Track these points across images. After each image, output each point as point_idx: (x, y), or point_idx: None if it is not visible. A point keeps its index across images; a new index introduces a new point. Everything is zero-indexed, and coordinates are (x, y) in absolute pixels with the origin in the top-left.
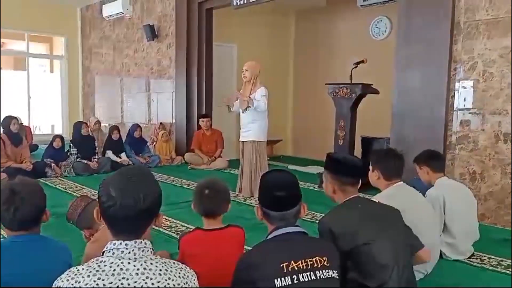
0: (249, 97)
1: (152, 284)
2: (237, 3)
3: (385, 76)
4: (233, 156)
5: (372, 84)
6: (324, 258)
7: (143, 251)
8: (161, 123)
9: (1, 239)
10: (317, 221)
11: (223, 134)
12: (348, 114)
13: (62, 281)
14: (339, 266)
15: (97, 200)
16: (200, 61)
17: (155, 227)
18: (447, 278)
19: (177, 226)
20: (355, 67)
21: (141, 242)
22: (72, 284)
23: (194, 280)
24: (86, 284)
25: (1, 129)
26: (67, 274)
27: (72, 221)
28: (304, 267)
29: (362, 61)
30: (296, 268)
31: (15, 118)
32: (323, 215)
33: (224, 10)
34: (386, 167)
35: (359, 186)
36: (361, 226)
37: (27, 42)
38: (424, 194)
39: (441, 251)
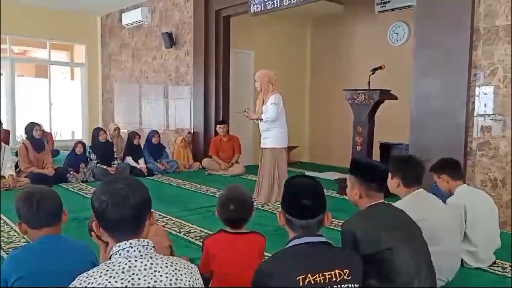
0: (259, 114)
1: (161, 276)
2: (254, 10)
3: (403, 82)
4: (250, 162)
5: (390, 90)
6: (345, 271)
7: (146, 248)
8: (189, 132)
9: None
10: (335, 228)
11: (240, 140)
12: (366, 120)
13: (75, 286)
14: (361, 280)
15: (93, 213)
16: (218, 68)
17: (174, 232)
18: (467, 285)
19: (195, 231)
20: (373, 73)
21: (143, 240)
22: (86, 286)
23: (197, 271)
24: (99, 284)
25: (24, 135)
26: (79, 279)
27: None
28: (322, 281)
29: (380, 67)
30: (312, 282)
31: (38, 124)
32: (341, 221)
33: (241, 17)
34: (406, 174)
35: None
36: (384, 232)
37: (49, 50)
38: (444, 202)
39: (462, 259)
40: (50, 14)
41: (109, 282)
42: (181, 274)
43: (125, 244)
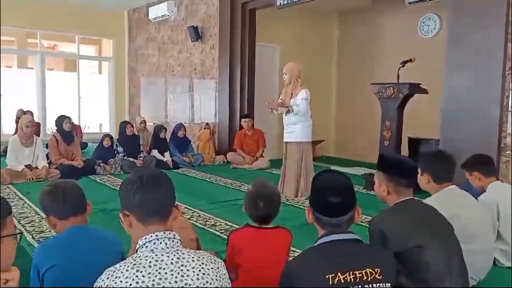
0: (289, 105)
1: (188, 270)
2: (280, 3)
3: (434, 75)
4: (274, 156)
5: (420, 84)
6: (376, 269)
7: (173, 241)
8: (207, 123)
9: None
10: (363, 224)
11: (265, 134)
12: (394, 115)
13: (103, 280)
14: (394, 278)
15: (121, 202)
16: (243, 62)
17: (199, 225)
18: (500, 285)
19: (221, 225)
20: (402, 66)
21: (169, 233)
22: (113, 280)
23: (223, 265)
24: (126, 278)
25: (55, 128)
26: (106, 273)
27: None
28: (352, 279)
29: (410, 60)
30: (342, 281)
31: (68, 117)
32: (370, 217)
33: (267, 10)
34: (437, 170)
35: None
36: (414, 229)
37: (78, 45)
38: (477, 199)
39: (494, 257)
40: (79, 9)
41: (136, 276)
42: (207, 269)
43: (151, 236)
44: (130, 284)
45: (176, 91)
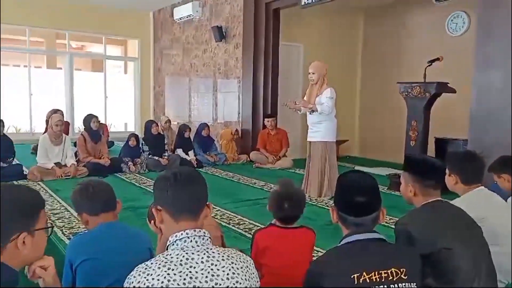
0: (314, 104)
1: (218, 269)
2: (305, 2)
3: (462, 74)
4: (297, 156)
5: (448, 83)
6: (402, 269)
7: (203, 239)
8: (236, 130)
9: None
10: (386, 224)
11: (288, 134)
12: (421, 114)
13: (134, 277)
14: (420, 278)
15: (155, 196)
16: (267, 61)
17: (223, 223)
18: None
19: (245, 223)
20: (430, 65)
21: (200, 231)
22: (145, 277)
23: (252, 264)
24: (158, 275)
25: (82, 127)
26: (137, 270)
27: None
28: (378, 279)
29: (438, 59)
30: (368, 281)
31: (95, 116)
32: (394, 218)
33: (290, 10)
34: (465, 171)
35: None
36: (442, 231)
37: (105, 45)
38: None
39: None
40: (106, 10)
41: (168, 273)
42: (237, 268)
43: (181, 234)
44: (162, 282)
45: (200, 91)
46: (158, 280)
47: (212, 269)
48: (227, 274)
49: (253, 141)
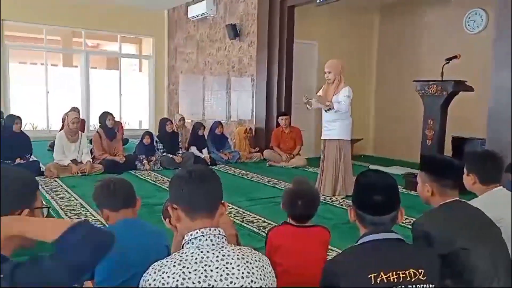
0: (331, 102)
1: (233, 268)
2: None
3: (479, 72)
4: (311, 154)
5: (466, 81)
6: (420, 270)
7: (218, 237)
8: (250, 128)
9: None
10: (403, 224)
11: (302, 132)
12: (438, 113)
13: (150, 275)
14: (439, 279)
15: (170, 195)
16: (281, 59)
17: (237, 221)
18: None
19: (258, 222)
20: (447, 63)
21: (215, 229)
22: (160, 275)
23: (268, 263)
24: (173, 273)
25: (98, 124)
26: (153, 268)
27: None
28: (395, 279)
29: (455, 57)
30: (385, 281)
31: (111, 114)
32: (409, 218)
33: (305, 7)
34: (483, 171)
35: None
36: (460, 231)
37: (120, 43)
38: None
39: None
40: (121, 8)
41: (183, 272)
42: (252, 268)
43: (196, 232)
44: (177, 280)
45: (213, 89)
46: (173, 278)
47: (227, 268)
48: (242, 273)
49: (266, 139)
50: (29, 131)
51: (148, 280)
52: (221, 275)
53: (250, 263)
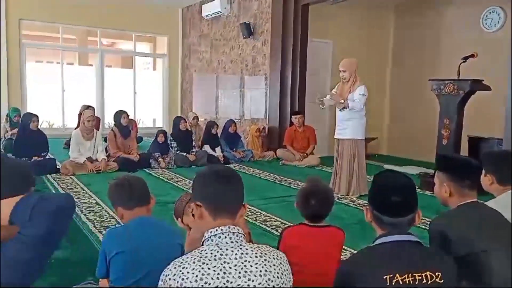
0: (346, 99)
1: (251, 266)
2: None
3: (497, 71)
4: (325, 153)
5: (483, 80)
6: (437, 273)
7: (237, 236)
8: (263, 127)
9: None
10: (418, 225)
11: (316, 131)
12: (454, 112)
13: (170, 270)
14: (456, 282)
15: (192, 193)
16: (295, 58)
17: (250, 220)
18: None
19: (271, 221)
20: (464, 62)
21: (234, 227)
22: (180, 271)
23: (286, 260)
24: (193, 269)
25: (113, 122)
26: (173, 264)
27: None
28: (411, 281)
29: (472, 55)
30: (401, 282)
31: (125, 112)
32: (424, 219)
33: (320, 6)
34: (502, 171)
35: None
36: (478, 233)
37: (134, 42)
38: None
39: None
40: (135, 7)
41: (202, 268)
42: (270, 266)
43: (216, 230)
44: (196, 276)
45: (227, 87)
46: (192, 274)
47: (245, 265)
48: (260, 271)
49: (280, 138)
50: (46, 129)
51: (168, 275)
52: (239, 272)
53: (268, 261)
